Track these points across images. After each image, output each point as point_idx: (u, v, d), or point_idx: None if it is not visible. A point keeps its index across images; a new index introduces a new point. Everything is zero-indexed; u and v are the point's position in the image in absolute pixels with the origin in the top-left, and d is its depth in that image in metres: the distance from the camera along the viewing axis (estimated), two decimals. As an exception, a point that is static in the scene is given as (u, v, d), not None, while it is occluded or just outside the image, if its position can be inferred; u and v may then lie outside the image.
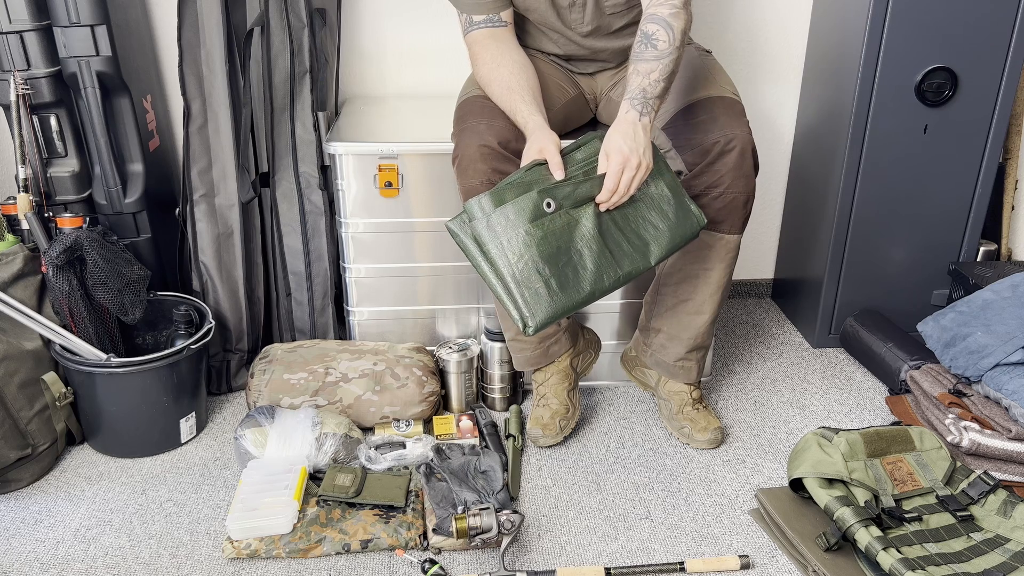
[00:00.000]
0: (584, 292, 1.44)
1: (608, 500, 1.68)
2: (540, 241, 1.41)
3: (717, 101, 1.66)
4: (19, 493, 1.69)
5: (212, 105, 1.88)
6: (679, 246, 1.55)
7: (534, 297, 1.41)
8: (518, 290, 1.41)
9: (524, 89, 1.62)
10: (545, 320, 1.42)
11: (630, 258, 1.49)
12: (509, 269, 1.41)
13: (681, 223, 1.54)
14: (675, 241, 1.53)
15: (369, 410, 1.85)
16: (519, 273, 1.40)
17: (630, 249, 1.49)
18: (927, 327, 1.98)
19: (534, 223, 1.41)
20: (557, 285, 1.41)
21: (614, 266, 1.47)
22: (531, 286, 1.40)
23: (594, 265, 1.45)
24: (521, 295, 1.41)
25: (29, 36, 1.77)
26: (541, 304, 1.41)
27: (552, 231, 1.43)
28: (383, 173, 1.85)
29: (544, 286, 1.40)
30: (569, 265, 1.43)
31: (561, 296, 1.42)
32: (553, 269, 1.41)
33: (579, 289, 1.44)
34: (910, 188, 2.10)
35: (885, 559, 1.39)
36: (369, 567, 1.50)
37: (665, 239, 1.53)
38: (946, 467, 1.64)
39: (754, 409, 2.00)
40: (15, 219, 1.83)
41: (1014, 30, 1.94)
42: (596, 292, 1.46)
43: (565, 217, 1.45)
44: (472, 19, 1.70)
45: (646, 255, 1.51)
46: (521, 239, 1.40)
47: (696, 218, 1.56)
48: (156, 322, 1.96)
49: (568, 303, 1.43)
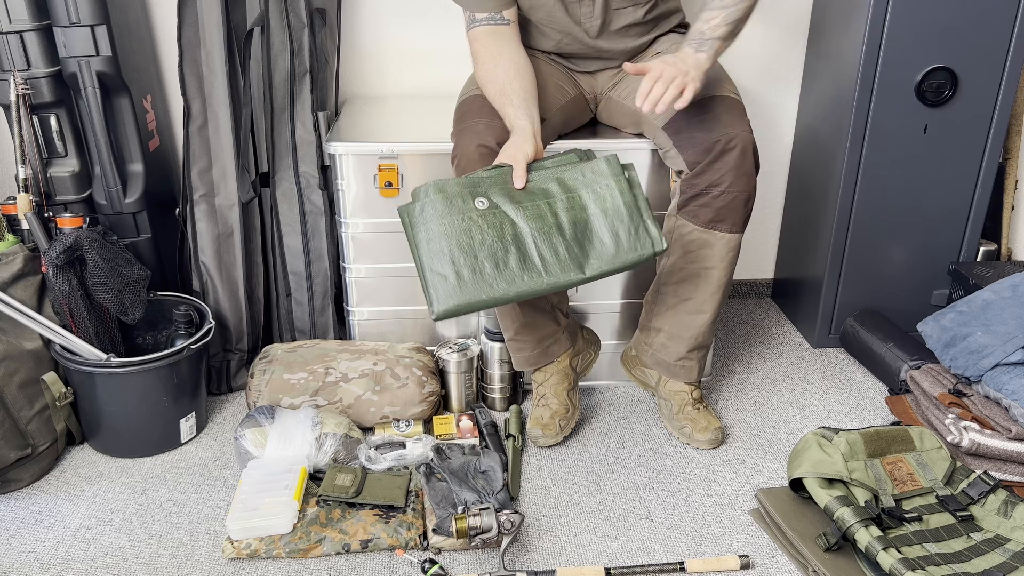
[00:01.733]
0: (498, 290, 1.45)
1: (608, 500, 1.68)
2: (460, 232, 1.45)
3: (718, 100, 1.67)
4: (19, 493, 1.70)
5: (212, 105, 1.88)
6: (628, 266, 1.51)
7: (442, 284, 1.44)
8: (430, 276, 1.45)
9: (516, 92, 1.63)
10: (449, 309, 1.44)
11: (563, 267, 1.48)
12: (427, 255, 1.45)
13: (632, 244, 1.51)
14: (621, 260, 1.50)
15: (369, 410, 1.85)
16: (433, 260, 1.45)
17: (566, 257, 1.48)
18: (927, 327, 1.98)
19: (460, 215, 1.45)
20: (469, 277, 1.44)
21: (539, 271, 1.47)
22: (441, 273, 1.44)
23: (518, 266, 1.46)
24: (432, 281, 1.45)
25: (29, 36, 1.78)
26: (448, 292, 1.44)
27: (477, 225, 1.46)
28: (383, 173, 1.85)
29: (455, 275, 1.44)
30: (490, 259, 1.45)
31: (471, 288, 1.44)
32: (468, 260, 1.44)
33: (494, 286, 1.45)
34: (910, 188, 2.10)
35: (885, 559, 1.39)
36: (369, 567, 1.50)
37: (608, 256, 1.50)
38: (946, 467, 1.64)
39: (754, 409, 2.00)
40: (15, 219, 1.83)
41: (1014, 30, 1.94)
42: (512, 292, 1.45)
43: (497, 216, 1.47)
44: (475, 16, 1.70)
45: (582, 267, 1.49)
46: (443, 228, 1.45)
47: (653, 242, 1.52)
48: (156, 322, 1.96)
49: (479, 295, 1.44)
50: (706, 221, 1.69)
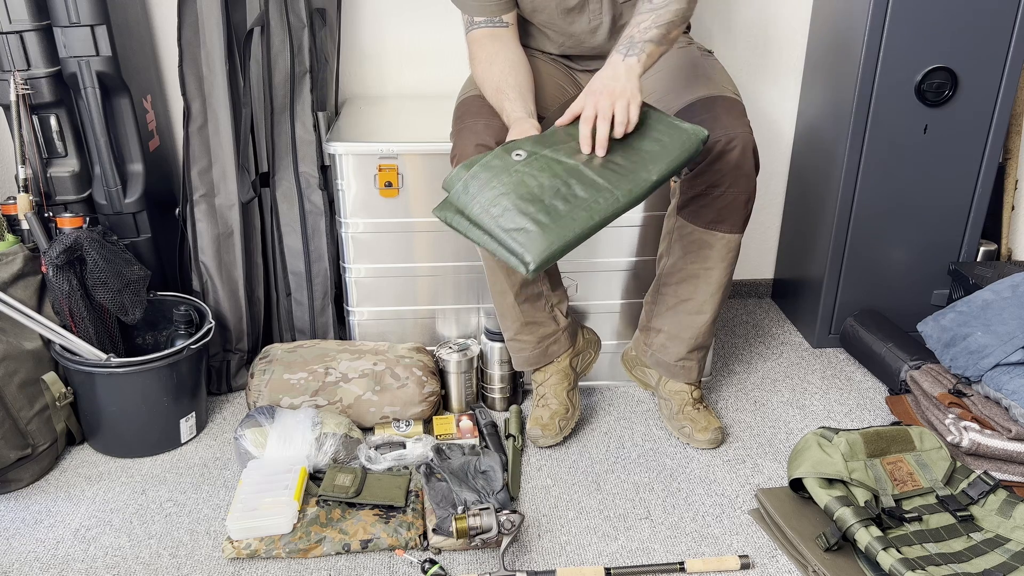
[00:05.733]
0: (580, 221, 1.39)
1: (608, 500, 1.68)
2: (517, 185, 1.40)
3: (718, 100, 1.66)
4: (19, 493, 1.69)
5: (212, 105, 1.88)
6: (684, 161, 1.47)
7: (525, 237, 1.37)
8: (507, 236, 1.38)
9: (512, 87, 1.62)
10: (544, 255, 1.36)
11: (628, 179, 1.43)
12: (493, 220, 1.39)
13: (676, 141, 1.47)
14: (676, 155, 1.46)
15: (369, 410, 1.85)
16: (504, 220, 1.38)
17: (626, 171, 1.44)
18: (927, 327, 1.98)
19: (507, 172, 1.42)
20: (547, 220, 1.38)
21: (608, 191, 1.42)
22: (519, 228, 1.38)
23: (586, 192, 1.41)
24: (512, 239, 1.38)
25: (29, 36, 1.78)
26: (534, 241, 1.37)
27: (529, 173, 1.42)
28: (383, 173, 1.85)
29: (533, 223, 1.37)
30: (558, 197, 1.40)
31: (555, 228, 1.37)
32: (539, 206, 1.39)
33: (575, 218, 1.39)
34: (910, 188, 2.10)
35: (885, 559, 1.39)
36: (369, 567, 1.50)
37: (664, 155, 1.46)
38: (946, 467, 1.64)
39: (754, 409, 2.00)
40: (15, 219, 1.83)
41: (1014, 30, 1.94)
42: (596, 219, 1.40)
43: (540, 160, 1.44)
44: (473, 19, 1.70)
45: (647, 172, 1.44)
46: (497, 190, 1.40)
47: (693, 132, 1.48)
48: (156, 322, 1.96)
49: (565, 232, 1.38)
50: (706, 221, 1.69)
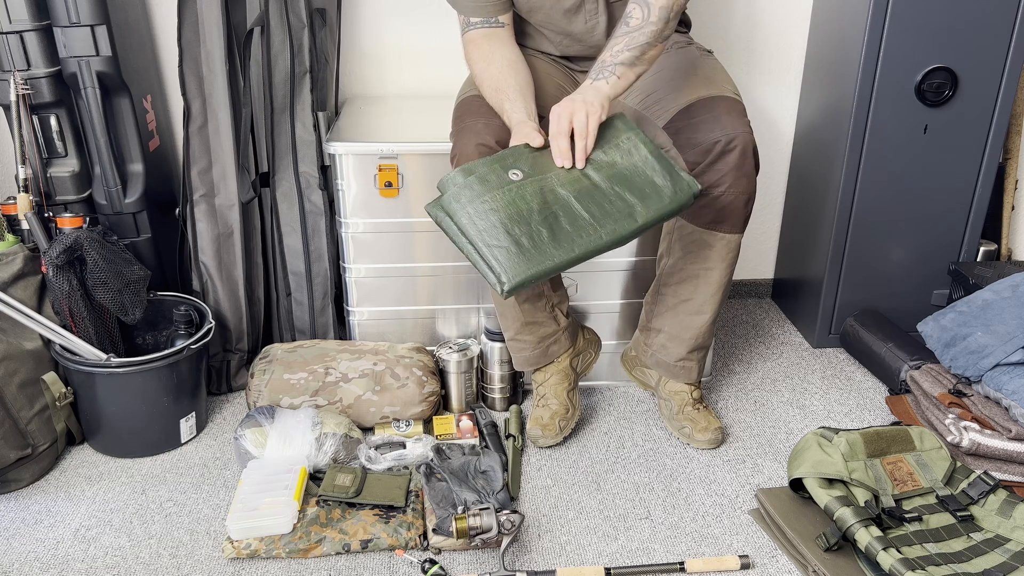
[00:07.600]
0: (560, 253, 1.42)
1: (608, 500, 1.68)
2: (507, 204, 1.42)
3: (718, 101, 1.66)
4: (19, 493, 1.69)
5: (212, 105, 1.88)
6: (672, 212, 1.50)
7: (506, 256, 1.39)
8: (488, 251, 1.40)
9: (511, 87, 1.62)
10: (520, 278, 1.39)
11: (614, 219, 1.46)
12: (479, 234, 1.41)
13: (672, 188, 1.51)
14: (666, 205, 1.49)
15: (369, 410, 1.85)
16: (488, 235, 1.41)
17: (613, 211, 1.47)
18: (927, 327, 1.98)
19: (500, 190, 1.43)
20: (530, 244, 1.40)
21: (593, 227, 1.45)
22: (501, 245, 1.40)
23: (572, 227, 1.44)
24: (493, 255, 1.40)
25: (29, 36, 1.78)
26: (513, 262, 1.39)
27: (520, 196, 1.44)
28: (383, 173, 1.85)
29: (515, 245, 1.40)
30: (544, 224, 1.43)
31: (535, 255, 1.40)
32: (524, 229, 1.41)
33: (556, 248, 1.42)
34: (910, 188, 2.10)
35: (885, 559, 1.39)
36: (369, 567, 1.50)
37: (653, 202, 1.49)
38: (946, 467, 1.64)
39: (754, 409, 2.00)
40: (15, 219, 1.83)
41: (1014, 30, 1.94)
42: (575, 253, 1.43)
43: (536, 183, 1.46)
44: (469, 19, 1.70)
45: (632, 216, 1.47)
46: (488, 205, 1.42)
47: (689, 184, 1.52)
48: (156, 322, 1.96)
49: (544, 261, 1.41)
50: (706, 222, 1.69)
